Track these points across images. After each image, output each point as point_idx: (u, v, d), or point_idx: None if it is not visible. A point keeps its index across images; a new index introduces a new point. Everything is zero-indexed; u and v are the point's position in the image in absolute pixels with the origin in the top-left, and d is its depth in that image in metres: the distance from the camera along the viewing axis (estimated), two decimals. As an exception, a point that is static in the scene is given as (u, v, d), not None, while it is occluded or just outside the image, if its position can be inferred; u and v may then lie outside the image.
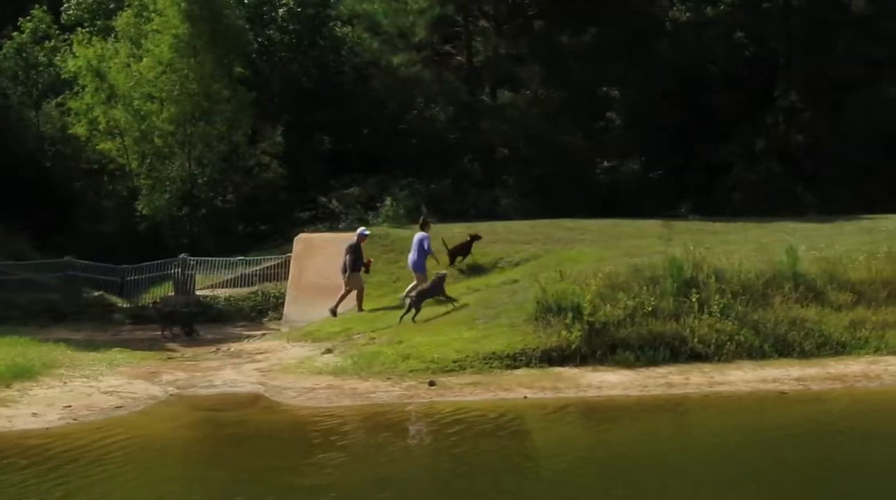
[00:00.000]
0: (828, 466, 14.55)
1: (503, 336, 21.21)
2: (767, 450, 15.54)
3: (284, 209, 35.76)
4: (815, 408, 18.21)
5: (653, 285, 22.14)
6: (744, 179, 43.64)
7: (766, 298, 22.39)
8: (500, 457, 15.17)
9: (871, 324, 22.07)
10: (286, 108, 38.17)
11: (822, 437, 16.22)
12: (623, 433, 16.95)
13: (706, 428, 17.14)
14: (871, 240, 26.51)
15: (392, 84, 38.07)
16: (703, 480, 14.08)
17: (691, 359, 20.87)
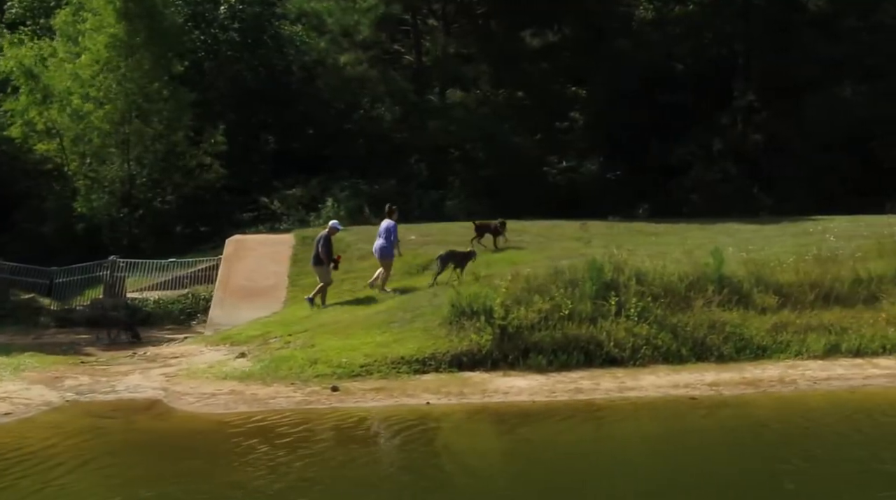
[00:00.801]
0: (707, 474, 14.10)
1: (415, 340, 20.76)
2: (655, 458, 15.12)
3: (226, 210, 35.24)
4: (721, 414, 17.75)
5: (572, 287, 21.70)
6: (701, 179, 43.23)
7: (688, 301, 21.98)
8: (366, 465, 14.71)
9: (793, 327, 21.66)
10: (232, 107, 37.64)
11: (715, 444, 15.80)
12: (515, 441, 16.47)
13: (601, 435, 16.65)
14: (808, 242, 26.15)
15: (338, 83, 37.57)
16: (584, 491, 13.64)
17: (606, 364, 20.42)
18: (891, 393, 19.04)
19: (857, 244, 24.81)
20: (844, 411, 17.68)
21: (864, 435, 15.93)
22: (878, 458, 14.53)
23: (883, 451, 14.86)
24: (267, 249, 29.11)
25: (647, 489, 13.68)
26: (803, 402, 18.41)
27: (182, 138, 33.84)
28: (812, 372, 20.18)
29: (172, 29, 34.09)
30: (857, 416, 17.36)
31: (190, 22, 36.99)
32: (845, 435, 16.03)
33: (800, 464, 14.49)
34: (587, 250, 24.56)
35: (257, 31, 37.46)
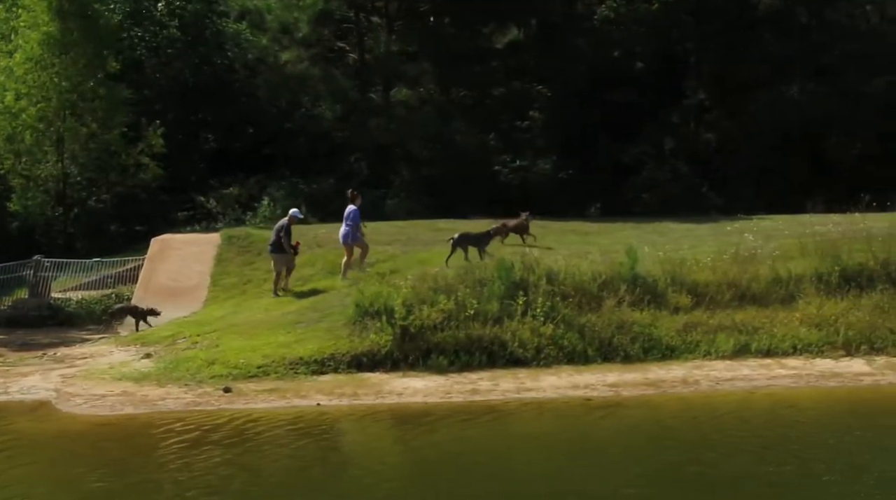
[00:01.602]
0: (563, 475, 13.85)
1: (317, 341, 20.47)
2: (529, 459, 14.88)
3: (163, 209, 34.88)
4: (613, 415, 17.49)
5: (480, 287, 21.42)
6: (652, 179, 43.04)
7: (599, 300, 21.71)
8: (213, 466, 14.39)
9: (704, 327, 21.41)
10: (172, 106, 37.27)
11: (592, 447, 15.56)
12: (389, 443, 16.20)
13: (484, 436, 16.36)
14: (737, 241, 25.81)
15: (278, 82, 37.22)
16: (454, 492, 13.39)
17: (510, 364, 20.14)
18: (791, 394, 18.82)
19: (777, 243, 24.57)
20: (738, 412, 17.43)
21: (730, 438, 15.65)
22: (730, 461, 14.29)
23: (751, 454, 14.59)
24: (192, 248, 28.78)
25: (513, 490, 13.42)
26: (700, 403, 18.15)
27: (117, 137, 33.46)
28: (717, 373, 19.93)
29: (108, 26, 33.70)
30: (747, 417, 17.11)
31: (129, 19, 36.58)
32: (722, 438, 15.78)
33: (656, 468, 14.24)
34: (516, 249, 24.28)
35: (197, 29, 37.06)
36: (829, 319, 21.72)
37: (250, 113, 37.23)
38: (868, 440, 15.41)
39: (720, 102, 43.43)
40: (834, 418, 17.19)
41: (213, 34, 37.35)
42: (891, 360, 20.74)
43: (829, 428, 16.26)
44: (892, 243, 23.84)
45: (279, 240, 24.48)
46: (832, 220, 25.09)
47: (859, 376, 19.88)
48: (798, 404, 17.89)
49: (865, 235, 24.00)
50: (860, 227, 24.27)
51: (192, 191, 34.88)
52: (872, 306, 22.32)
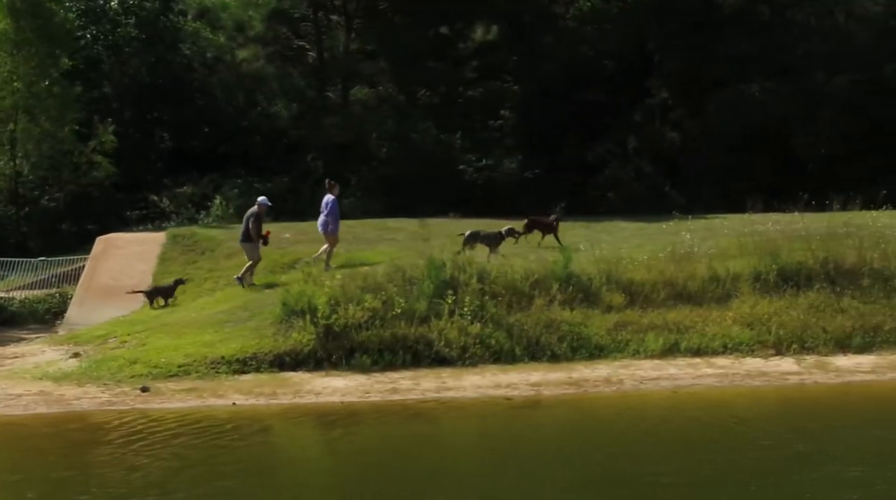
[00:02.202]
0: (459, 475, 13.73)
1: (242, 340, 20.33)
2: (428, 458, 14.74)
3: (117, 208, 34.70)
4: (528, 415, 17.39)
5: (410, 285, 21.29)
6: (616, 178, 42.95)
7: (530, 299, 21.57)
8: (108, 466, 14.26)
9: (635, 326, 21.30)
10: (129, 104, 37.08)
11: (497, 447, 15.44)
12: (296, 443, 16.06)
13: (392, 436, 16.24)
14: (681, 240, 25.67)
15: (233, 80, 37.04)
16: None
17: (435, 364, 20.00)
18: (713, 393, 18.72)
19: (715, 242, 24.46)
20: (653, 412, 17.34)
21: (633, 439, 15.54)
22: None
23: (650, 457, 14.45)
24: (136, 247, 28.62)
25: (403, 489, 13.29)
26: (618, 403, 18.04)
27: (69, 135, 33.27)
28: (643, 372, 19.82)
29: (62, 25, 33.48)
30: (659, 417, 17.00)
31: (83, 17, 36.38)
32: (618, 437, 15.67)
33: (554, 467, 14.13)
34: (456, 248, 24.08)
35: (154, 27, 36.85)
36: (762, 318, 21.63)
37: (207, 112, 37.06)
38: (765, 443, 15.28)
39: (683, 101, 43.33)
40: (744, 418, 17.03)
41: (169, 32, 37.14)
42: (821, 359, 20.65)
43: (729, 428, 16.09)
44: (831, 243, 23.72)
45: (248, 229, 24.10)
46: (771, 219, 24.96)
47: (786, 376, 19.78)
48: (715, 404, 17.78)
49: (804, 234, 23.86)
50: (798, 226, 24.13)
51: (147, 190, 34.70)
52: (808, 305, 22.23)
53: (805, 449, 14.57)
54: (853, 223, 24.21)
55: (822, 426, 16.07)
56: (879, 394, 18.58)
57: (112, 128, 33.91)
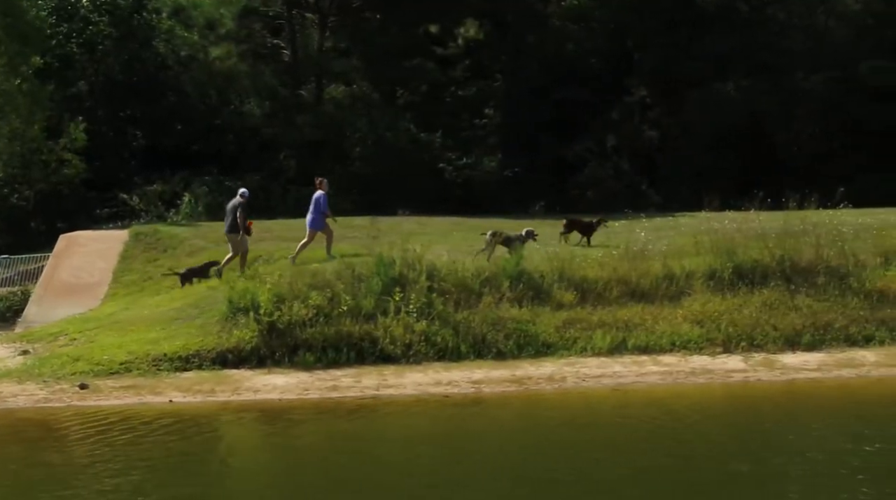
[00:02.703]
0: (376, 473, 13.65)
1: (186, 337, 20.28)
2: (346, 456, 14.68)
3: (87, 206, 34.66)
4: (460, 413, 17.30)
5: (358, 282, 21.21)
6: (595, 176, 42.94)
7: (480, 297, 21.47)
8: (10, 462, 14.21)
9: (584, 324, 21.21)
10: (102, 102, 37.03)
11: (414, 444, 15.36)
12: (219, 440, 15.98)
13: (318, 433, 16.19)
14: (638, 238, 25.47)
15: (205, 78, 36.97)
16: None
17: (380, 361, 19.93)
18: (654, 391, 18.65)
19: (668, 240, 24.37)
20: (579, 411, 17.32)
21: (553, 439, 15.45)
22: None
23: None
24: (98, 245, 28.58)
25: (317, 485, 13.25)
26: (554, 401, 17.96)
27: (39, 133, 33.22)
28: (587, 370, 19.72)
29: (33, 23, 33.37)
30: (593, 416, 16.93)
31: (55, 15, 36.32)
32: (540, 436, 15.63)
33: (469, 465, 14.06)
34: (409, 246, 23.90)
35: (128, 25, 36.74)
36: (713, 316, 21.54)
37: (180, 109, 37.00)
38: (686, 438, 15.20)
39: (662, 100, 43.26)
40: (677, 416, 16.93)
41: (143, 30, 37.05)
42: (769, 357, 20.56)
43: (660, 427, 16.00)
44: (788, 240, 23.60)
45: (235, 221, 23.94)
46: (728, 217, 24.87)
47: (731, 373, 19.69)
48: (648, 402, 17.68)
49: (760, 232, 23.75)
50: (754, 224, 24.01)
51: (119, 188, 34.64)
52: (762, 303, 22.15)
53: (719, 448, 14.51)
54: (810, 221, 24.06)
55: (748, 423, 16.00)
56: (819, 391, 18.48)
57: (83, 125, 33.83)
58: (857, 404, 17.44)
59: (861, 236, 24.82)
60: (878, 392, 18.31)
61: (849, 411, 17.05)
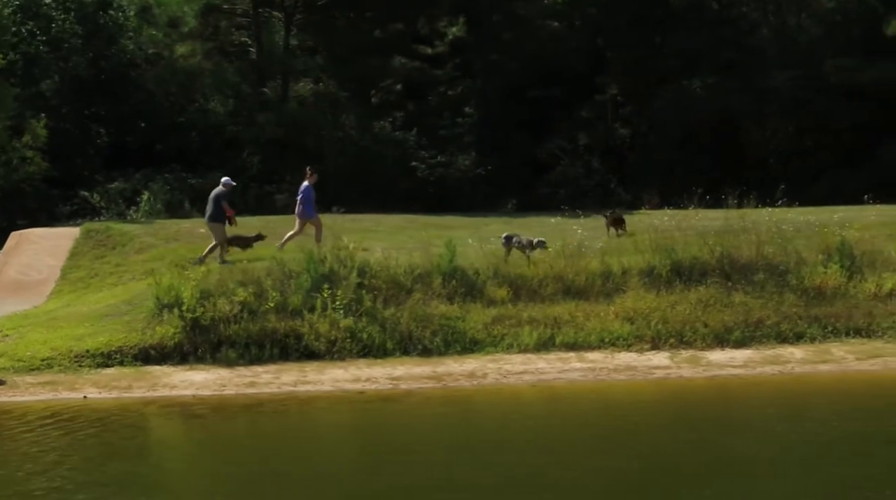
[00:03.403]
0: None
1: (111, 333, 20.29)
2: (240, 452, 14.68)
3: (49, 204, 34.72)
4: (367, 409, 17.34)
5: (288, 279, 21.22)
6: (567, 174, 42.87)
7: (411, 294, 21.44)
8: None
9: (513, 321, 21.15)
10: (68, 99, 37.08)
11: (310, 439, 15.36)
12: (115, 436, 15.93)
13: (219, 428, 16.19)
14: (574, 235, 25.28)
15: (170, 76, 37.01)
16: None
17: (304, 357, 19.94)
18: (570, 388, 18.68)
19: (608, 237, 24.30)
20: (483, 408, 17.35)
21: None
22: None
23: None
24: (49, 242, 28.57)
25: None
26: (465, 397, 18.00)
27: (2, 132, 33.26)
28: (510, 366, 19.70)
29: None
30: (498, 412, 16.91)
31: (19, 13, 36.36)
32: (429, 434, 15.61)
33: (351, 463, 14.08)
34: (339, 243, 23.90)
35: (93, 23, 36.75)
36: (644, 312, 21.45)
37: (144, 107, 37.04)
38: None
39: (632, 98, 43.15)
40: (574, 413, 16.93)
41: (108, 28, 37.04)
42: (696, 353, 20.49)
43: (548, 425, 15.97)
44: (728, 238, 23.53)
45: (217, 209, 23.85)
46: (667, 214, 24.78)
47: (653, 370, 19.65)
48: (557, 399, 17.71)
49: (701, 229, 23.71)
50: (693, 222, 23.96)
51: (83, 186, 34.68)
52: (697, 299, 22.06)
53: (592, 446, 14.52)
54: (749, 218, 24.00)
55: (641, 420, 15.97)
56: (734, 388, 18.43)
57: (43, 122, 33.87)
58: (762, 400, 17.43)
59: (804, 234, 24.74)
60: (791, 390, 18.25)
61: (752, 407, 17.02)
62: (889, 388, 18.20)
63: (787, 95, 39.85)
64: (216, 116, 36.88)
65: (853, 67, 36.66)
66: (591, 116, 44.05)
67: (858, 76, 36.27)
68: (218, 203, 23.61)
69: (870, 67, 36.10)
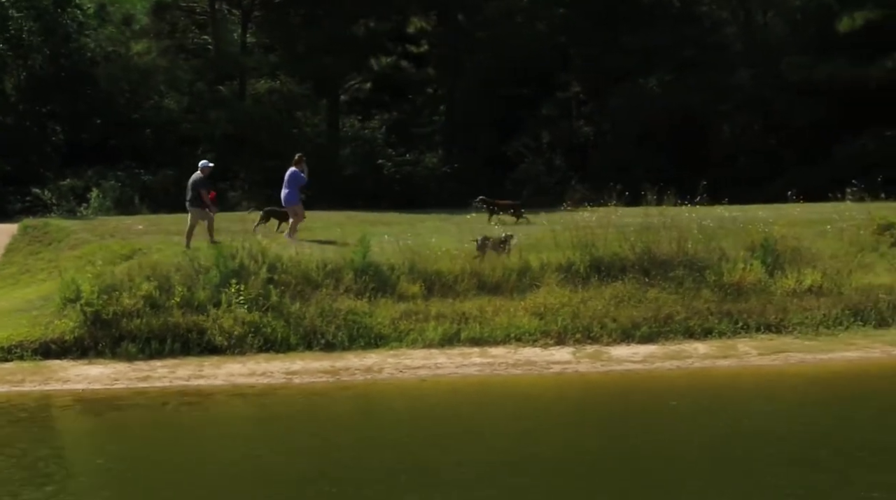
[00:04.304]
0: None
1: (15, 328, 20.36)
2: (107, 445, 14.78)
3: (2, 201, 34.81)
4: (247, 403, 17.38)
5: (198, 274, 21.27)
6: (530, 172, 42.83)
7: (320, 288, 21.47)
8: None
9: (421, 316, 21.16)
10: (25, 96, 37.19)
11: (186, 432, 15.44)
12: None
13: (95, 424, 16.23)
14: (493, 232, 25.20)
15: (125, 73, 37.08)
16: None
17: (206, 352, 19.98)
18: (465, 382, 18.81)
19: (526, 234, 24.29)
20: (385, 400, 17.35)
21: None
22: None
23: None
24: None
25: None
26: (350, 391, 18.07)
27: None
28: (410, 361, 19.74)
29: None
30: (387, 406, 16.98)
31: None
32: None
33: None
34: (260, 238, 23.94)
35: (50, 20, 36.78)
36: (554, 308, 21.44)
37: (100, 105, 37.13)
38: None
39: (594, 96, 43.08)
40: (442, 408, 16.98)
41: (65, 25, 37.10)
42: (600, 349, 20.51)
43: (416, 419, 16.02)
44: (648, 234, 23.55)
45: (197, 195, 23.95)
46: (588, 211, 24.77)
47: (551, 365, 19.68)
48: (431, 393, 17.78)
49: (620, 226, 23.70)
50: (613, 219, 23.95)
51: (37, 183, 34.78)
52: (612, 295, 22.10)
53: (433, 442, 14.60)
54: (668, 215, 23.97)
55: (500, 415, 16.05)
56: (623, 383, 18.47)
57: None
58: (641, 394, 17.51)
59: (731, 231, 24.75)
60: (676, 385, 18.27)
61: (620, 401, 17.08)
62: (774, 383, 18.23)
63: (750, 93, 39.75)
64: (170, 113, 36.95)
65: (808, 65, 36.52)
66: (555, 114, 44.04)
67: (814, 73, 36.11)
68: (195, 189, 23.85)
69: (824, 64, 35.94)
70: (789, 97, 38.39)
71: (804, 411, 15.93)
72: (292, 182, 24.84)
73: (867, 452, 13.22)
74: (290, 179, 24.93)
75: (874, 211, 26.46)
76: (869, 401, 16.64)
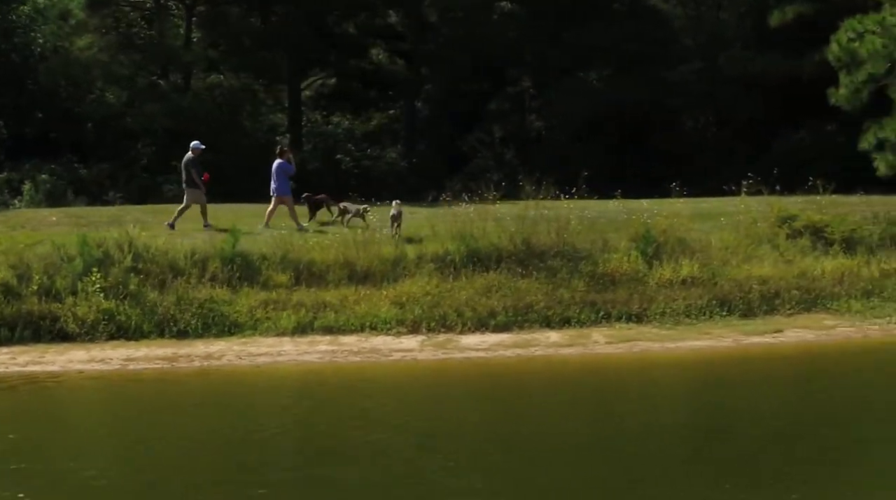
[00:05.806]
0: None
1: None
2: None
3: (-62, 196, 35.25)
4: (62, 388, 17.59)
5: (62, 263, 21.48)
6: (481, 166, 42.92)
7: (187, 277, 21.62)
8: None
9: (280, 304, 21.27)
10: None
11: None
12: None
13: None
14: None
15: (65, 68, 37.40)
16: None
17: (58, 339, 20.16)
18: (297, 369, 18.96)
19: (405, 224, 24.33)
20: (200, 387, 17.48)
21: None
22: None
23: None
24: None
25: None
26: (173, 378, 18.16)
27: None
28: (255, 348, 19.89)
29: None
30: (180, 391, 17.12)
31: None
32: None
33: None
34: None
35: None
36: (417, 297, 21.44)
37: (41, 98, 37.50)
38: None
39: (542, 90, 43.00)
40: (250, 395, 17.09)
41: (7, 21, 37.49)
42: (451, 337, 20.60)
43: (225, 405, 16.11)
44: (526, 226, 23.57)
45: (188, 175, 24.42)
46: (465, 204, 24.79)
47: (394, 352, 19.79)
48: (253, 380, 17.81)
49: (498, 217, 23.73)
50: (491, 211, 23.97)
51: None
52: (483, 285, 22.10)
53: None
54: (544, 207, 23.95)
55: (292, 402, 16.15)
56: (456, 370, 18.56)
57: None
58: (467, 381, 17.54)
59: (615, 223, 24.74)
60: (507, 372, 18.27)
61: (439, 388, 17.08)
62: (589, 371, 18.24)
63: (696, 87, 39.50)
64: (111, 107, 37.30)
65: (746, 59, 36.24)
66: (506, 109, 44.01)
67: (750, 67, 35.82)
68: (187, 170, 24.36)
69: (760, 58, 35.64)
70: (734, 91, 38.08)
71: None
72: (280, 174, 24.93)
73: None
74: (277, 171, 24.97)
75: (774, 203, 26.23)
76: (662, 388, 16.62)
